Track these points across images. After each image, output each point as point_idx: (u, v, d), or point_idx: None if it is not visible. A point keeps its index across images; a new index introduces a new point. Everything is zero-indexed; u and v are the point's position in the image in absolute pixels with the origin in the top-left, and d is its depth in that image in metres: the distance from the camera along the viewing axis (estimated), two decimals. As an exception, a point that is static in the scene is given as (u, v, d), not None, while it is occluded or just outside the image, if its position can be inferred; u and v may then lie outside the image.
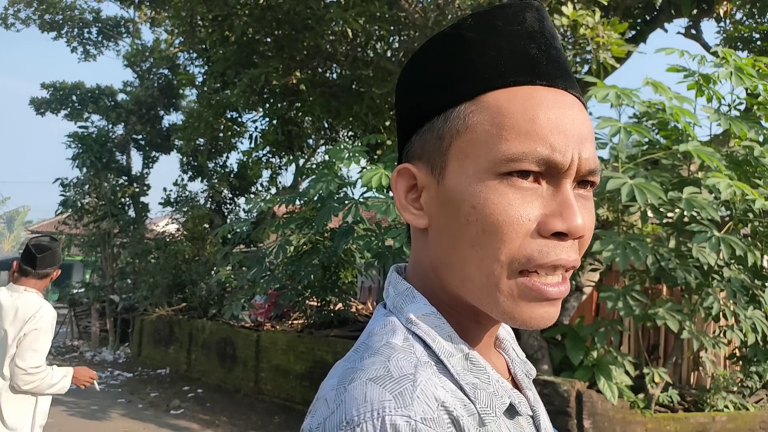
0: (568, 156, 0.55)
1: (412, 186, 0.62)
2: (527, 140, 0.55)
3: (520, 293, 0.56)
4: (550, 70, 0.58)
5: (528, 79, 0.57)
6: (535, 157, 0.55)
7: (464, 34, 0.60)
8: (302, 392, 7.77)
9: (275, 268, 7.94)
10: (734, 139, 5.33)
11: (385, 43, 9.07)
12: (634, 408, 5.18)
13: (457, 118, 0.58)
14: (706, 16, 9.11)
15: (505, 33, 0.59)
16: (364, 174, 5.63)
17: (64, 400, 7.81)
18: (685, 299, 5.38)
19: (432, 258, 0.61)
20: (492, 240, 0.55)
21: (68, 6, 14.64)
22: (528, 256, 0.55)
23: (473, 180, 0.56)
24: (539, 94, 0.57)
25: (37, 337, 2.91)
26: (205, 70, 11.97)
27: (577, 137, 0.57)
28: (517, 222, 0.55)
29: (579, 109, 0.59)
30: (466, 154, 0.57)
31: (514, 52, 0.58)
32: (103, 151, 13.59)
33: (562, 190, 0.56)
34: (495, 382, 0.59)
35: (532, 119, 0.55)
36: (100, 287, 14.00)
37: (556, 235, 0.55)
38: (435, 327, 0.59)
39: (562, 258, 0.56)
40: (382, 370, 0.52)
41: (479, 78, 0.58)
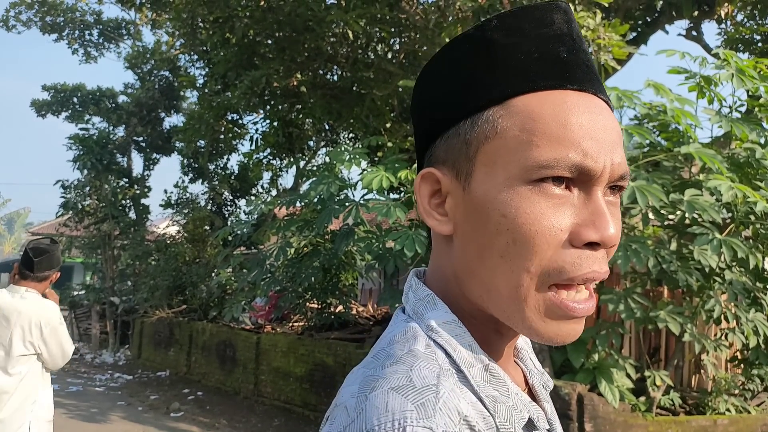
0: (600, 162, 0.54)
1: (436, 191, 0.61)
2: (559, 146, 0.53)
3: (547, 309, 0.55)
4: (579, 73, 0.57)
5: (558, 83, 0.56)
6: (568, 164, 0.53)
7: (490, 36, 0.58)
8: (302, 395, 7.75)
9: (276, 270, 7.93)
10: (735, 141, 5.32)
11: (386, 45, 9.08)
12: (636, 411, 5.16)
13: (486, 123, 0.56)
14: (707, 17, 9.11)
15: (533, 36, 0.57)
16: (364, 176, 5.63)
17: (64, 403, 7.80)
18: (686, 302, 5.37)
19: (455, 266, 0.60)
20: (523, 251, 0.53)
21: (69, 8, 14.67)
22: (560, 269, 0.53)
23: (503, 187, 0.55)
24: (570, 99, 0.55)
25: (57, 331, 3.07)
26: (206, 72, 11.98)
27: (609, 143, 0.55)
28: (549, 232, 0.53)
29: (609, 113, 0.58)
30: (494, 161, 0.56)
31: (543, 56, 0.57)
32: (104, 153, 13.61)
33: (593, 198, 0.55)
34: (514, 395, 0.57)
35: (564, 124, 0.54)
36: (100, 289, 14.00)
37: (589, 245, 0.54)
38: (456, 336, 0.57)
39: (594, 270, 0.54)
40: (405, 380, 0.51)
41: (508, 82, 0.56)
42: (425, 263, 5.85)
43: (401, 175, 5.55)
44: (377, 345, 0.59)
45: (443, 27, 7.06)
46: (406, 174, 5.57)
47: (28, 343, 2.99)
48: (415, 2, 7.64)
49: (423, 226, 5.54)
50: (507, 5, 5.69)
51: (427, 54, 8.08)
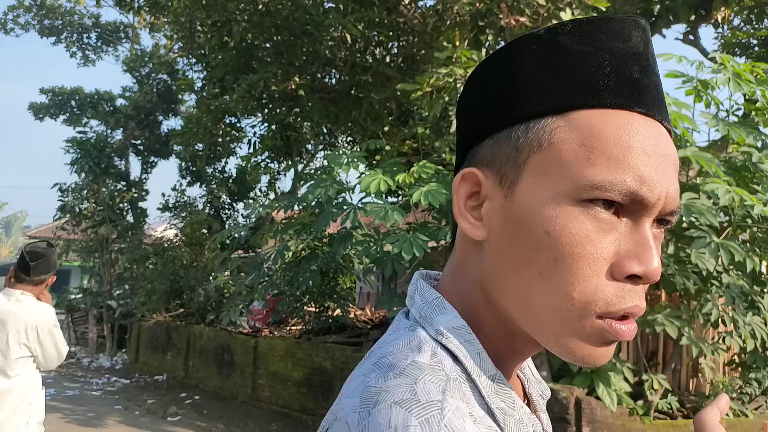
0: (656, 192, 0.52)
1: (474, 193, 0.58)
2: (617, 169, 0.51)
3: (591, 334, 0.52)
4: (649, 97, 0.54)
5: (627, 103, 0.53)
6: (623, 189, 0.50)
7: (562, 41, 0.55)
8: (300, 399, 7.73)
9: (273, 273, 7.92)
10: (732, 145, 5.33)
11: (384, 49, 9.09)
12: (633, 415, 5.15)
13: (541, 131, 0.53)
14: (704, 22, 9.14)
15: (607, 48, 0.54)
16: (362, 179, 5.63)
17: (60, 407, 7.77)
18: (684, 305, 5.37)
19: (485, 274, 0.57)
20: (564, 273, 0.51)
21: (68, 11, 14.68)
22: (606, 300, 0.51)
23: (550, 202, 0.52)
24: (636, 122, 0.53)
25: (52, 333, 3.08)
26: (204, 75, 11.98)
27: (667, 174, 0.53)
28: (593, 258, 0.51)
29: (670, 143, 0.55)
30: (545, 173, 0.53)
31: (615, 71, 0.53)
32: (102, 156, 13.59)
33: (641, 229, 0.52)
34: (520, 408, 0.56)
35: (626, 147, 0.51)
36: (97, 293, 13.96)
37: (630, 278, 0.51)
38: (466, 342, 0.55)
39: (637, 305, 0.52)
40: (409, 393, 0.48)
41: (574, 92, 0.53)
42: (423, 267, 5.85)
43: (399, 179, 5.56)
44: (378, 351, 0.57)
45: (441, 31, 7.07)
46: (404, 177, 5.57)
47: (23, 345, 3.00)
48: (414, 6, 7.66)
49: (421, 230, 5.54)
50: (504, 9, 5.71)
51: (426, 58, 8.10)
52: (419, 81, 5.94)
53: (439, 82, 5.68)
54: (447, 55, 6.09)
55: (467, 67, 5.64)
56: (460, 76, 5.61)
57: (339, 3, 7.92)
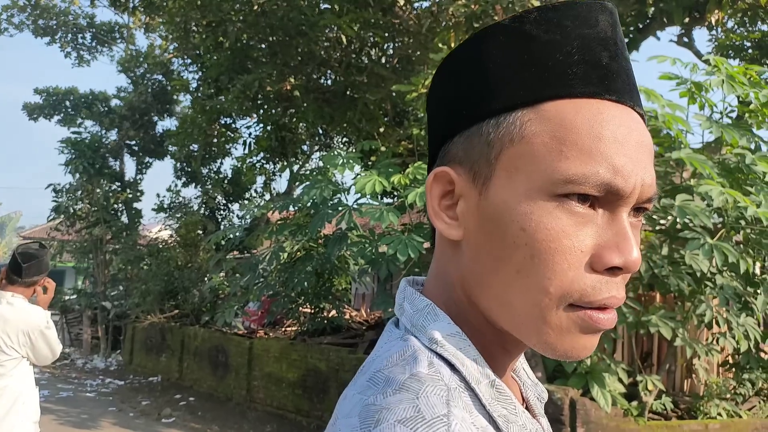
0: (631, 182, 0.51)
1: (448, 192, 0.56)
2: (590, 161, 0.50)
3: (569, 325, 0.51)
4: (620, 83, 0.53)
5: (597, 91, 0.52)
6: (597, 181, 0.49)
7: (528, 30, 0.53)
8: (295, 400, 7.72)
9: (268, 274, 7.90)
10: (726, 147, 5.35)
11: (379, 50, 9.10)
12: (628, 416, 5.16)
13: (512, 126, 0.52)
14: (698, 24, 9.18)
15: (574, 35, 0.53)
16: (358, 180, 5.63)
17: (54, 409, 7.73)
18: (678, 306, 5.39)
19: (464, 274, 0.56)
20: (541, 269, 0.50)
21: (62, 11, 14.62)
22: (581, 292, 0.50)
23: (524, 198, 0.51)
24: (607, 110, 0.51)
25: (45, 335, 3.07)
26: (199, 75, 11.96)
27: (642, 161, 0.52)
28: (570, 252, 0.50)
29: (644, 129, 0.54)
30: (517, 167, 0.52)
31: (583, 59, 0.52)
32: (96, 156, 13.54)
33: (618, 219, 0.51)
34: (522, 413, 0.54)
35: (599, 137, 0.50)
36: (92, 294, 13.91)
37: (610, 269, 0.51)
38: (461, 349, 0.53)
39: (614, 296, 0.51)
40: (412, 410, 0.46)
41: (543, 84, 0.52)
42: (419, 268, 5.85)
43: (394, 180, 5.56)
44: (371, 365, 0.54)
45: (436, 32, 7.08)
46: (399, 178, 5.57)
47: (13, 349, 2.98)
48: (409, 7, 7.66)
49: (416, 231, 5.54)
50: (499, 10, 5.72)
51: (421, 58, 8.10)
52: (414, 82, 5.94)
53: (434, 84, 5.68)
54: (442, 56, 6.09)
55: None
56: (455, 77, 5.60)
57: (334, 4, 7.92)
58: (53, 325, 3.17)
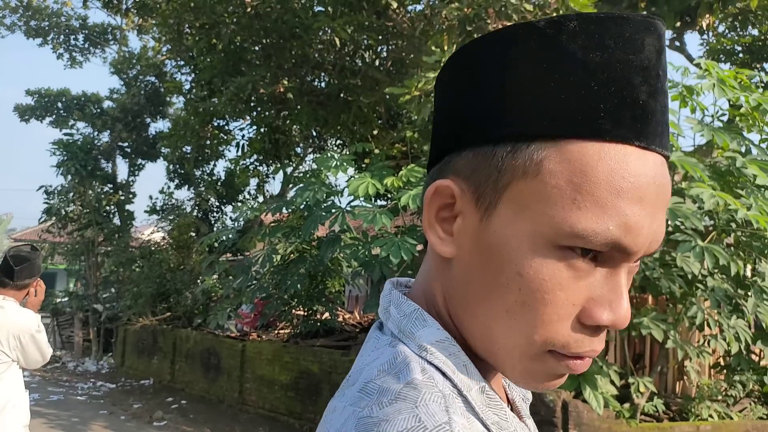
0: (640, 242, 0.48)
1: (447, 205, 0.53)
2: (603, 215, 0.46)
3: (544, 368, 0.51)
4: (653, 125, 0.48)
5: (628, 135, 0.47)
6: (605, 239, 0.46)
7: (564, 44, 0.47)
8: (287, 403, 7.70)
9: (261, 277, 7.88)
10: (717, 150, 5.40)
11: (373, 53, 9.11)
12: (620, 418, 5.18)
13: (528, 159, 0.48)
14: (690, 28, 9.25)
15: (616, 60, 0.47)
16: (351, 183, 5.63)
17: (44, 412, 7.67)
18: (669, 309, 5.42)
19: (449, 292, 0.54)
20: (531, 316, 0.48)
21: (54, 12, 14.54)
22: (564, 344, 0.49)
23: (526, 241, 0.48)
24: (634, 159, 0.47)
25: (35, 339, 3.04)
26: (192, 77, 11.93)
27: (656, 217, 0.48)
28: (562, 305, 0.48)
29: (665, 174, 0.50)
30: (526, 205, 0.48)
31: (621, 93, 0.47)
32: (88, 158, 13.47)
33: (617, 275, 0.49)
34: (512, 418, 0.53)
35: (617, 191, 0.46)
36: (83, 296, 13.83)
37: (598, 326, 0.50)
38: (451, 355, 0.51)
39: (594, 349, 0.50)
40: (413, 420, 0.44)
41: (571, 117, 0.47)
42: (412, 270, 5.85)
43: (388, 182, 5.56)
44: (360, 374, 0.51)
45: (430, 35, 7.10)
46: (393, 181, 5.58)
47: (5, 352, 2.96)
48: (402, 10, 7.68)
49: (409, 233, 5.54)
50: (491, 14, 5.74)
51: (414, 61, 8.12)
52: (408, 85, 5.95)
53: (427, 86, 5.70)
54: (435, 59, 6.11)
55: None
56: (448, 80, 5.61)
57: (328, 6, 7.92)
58: (44, 329, 3.15)
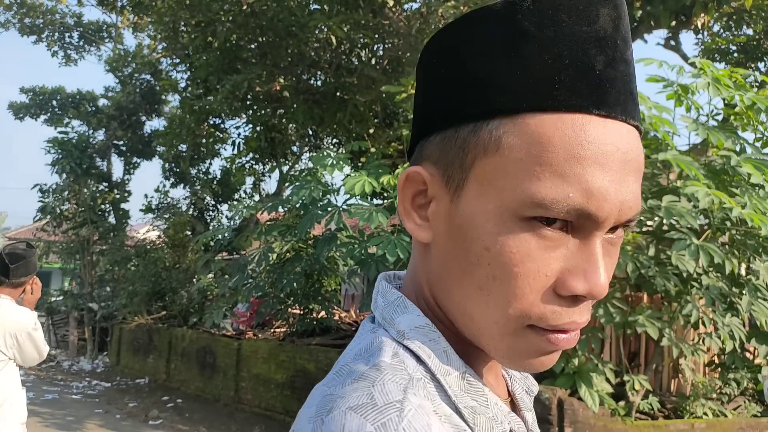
0: (606, 207, 0.47)
1: (421, 191, 0.54)
2: (563, 183, 0.46)
3: (527, 345, 0.50)
4: (613, 93, 0.48)
5: (585, 104, 0.47)
6: (567, 206, 0.46)
7: (519, 22, 0.48)
8: (283, 402, 7.69)
9: (257, 275, 7.87)
10: (712, 149, 5.41)
11: (369, 51, 9.10)
12: (615, 415, 5.20)
13: (488, 135, 0.48)
14: (685, 27, 9.28)
15: (569, 33, 0.47)
16: (347, 181, 5.62)
17: (39, 411, 7.64)
18: (664, 307, 5.43)
19: (430, 276, 0.55)
20: (502, 290, 0.49)
21: (49, 10, 14.48)
22: (541, 316, 0.49)
23: (492, 216, 0.48)
24: (592, 127, 0.47)
25: (32, 336, 3.03)
26: (188, 75, 11.90)
27: (624, 182, 0.48)
28: (533, 276, 0.48)
29: (635, 144, 0.49)
30: (489, 181, 0.49)
31: (575, 64, 0.47)
32: (83, 156, 13.42)
33: (590, 244, 0.49)
34: (494, 405, 0.53)
35: (576, 158, 0.46)
36: (78, 295, 13.78)
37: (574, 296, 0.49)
38: (430, 341, 0.52)
39: (574, 321, 0.49)
40: (365, 397, 0.45)
41: (527, 91, 0.47)
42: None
43: (384, 181, 5.56)
44: (341, 359, 0.54)
45: (426, 33, 7.10)
46: (389, 179, 5.58)
47: (1, 350, 2.95)
48: (398, 9, 7.68)
49: (405, 232, 5.54)
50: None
51: (410, 60, 8.12)
52: (404, 83, 5.96)
53: (423, 85, 5.70)
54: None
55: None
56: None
57: (324, 5, 7.91)
58: (40, 327, 3.14)
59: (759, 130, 5.59)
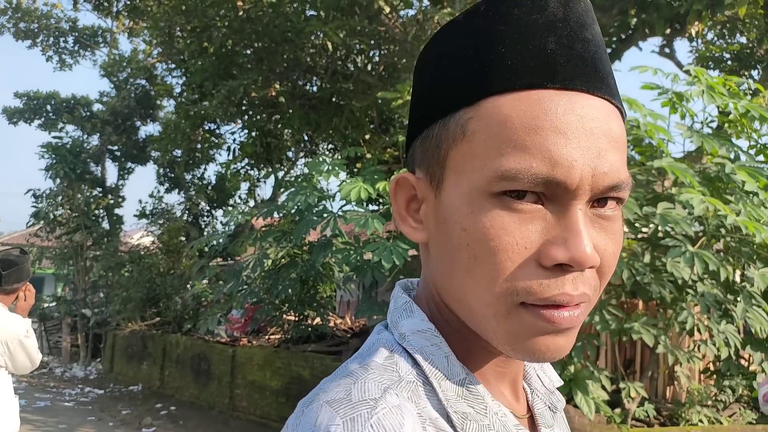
0: (575, 174, 0.47)
1: (413, 196, 0.57)
2: (525, 155, 0.47)
3: (523, 326, 0.49)
4: (569, 68, 0.49)
5: (538, 81, 0.48)
6: (531, 176, 0.47)
7: (476, 25, 0.51)
8: (278, 409, 7.65)
9: (252, 281, 7.85)
10: (707, 156, 5.44)
11: (365, 57, 9.12)
12: (611, 423, 5.19)
13: (455, 125, 0.51)
14: (679, 35, 9.34)
15: (521, 24, 0.50)
16: (343, 187, 5.61)
17: (31, 419, 7.57)
18: (660, 314, 5.44)
19: (433, 275, 0.56)
20: (485, 268, 0.49)
21: (44, 15, 14.45)
22: (527, 289, 0.48)
23: (466, 198, 0.50)
24: (549, 99, 0.48)
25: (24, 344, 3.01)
26: (183, 81, 11.88)
27: (592, 149, 0.48)
28: (511, 249, 0.48)
29: (604, 114, 0.49)
30: (462, 168, 0.50)
31: (525, 48, 0.49)
32: (77, 161, 13.37)
33: (568, 214, 0.48)
34: (492, 414, 0.52)
35: (534, 129, 0.47)
36: (71, 301, 13.69)
37: (560, 266, 0.48)
38: (431, 345, 0.53)
39: (566, 292, 0.48)
40: (343, 393, 0.47)
41: (483, 80, 0.50)
42: (403, 275, 5.84)
43: (379, 187, 5.55)
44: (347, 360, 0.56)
45: (422, 40, 7.11)
46: (385, 185, 5.57)
47: None
48: (394, 15, 7.70)
49: (401, 238, 5.53)
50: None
51: (406, 66, 8.13)
52: (400, 89, 5.96)
53: (419, 91, 5.70)
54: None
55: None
56: (440, 85, 5.63)
57: (320, 11, 7.93)
58: (33, 334, 3.11)
59: (753, 137, 5.62)
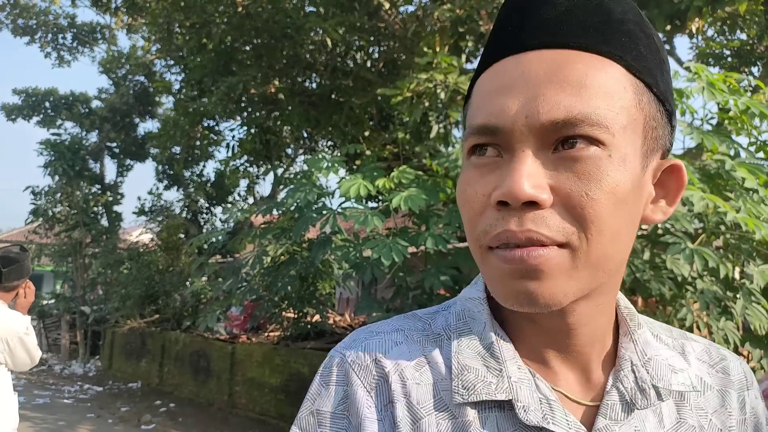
0: (506, 117, 0.50)
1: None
2: (475, 114, 0.54)
3: (494, 269, 0.52)
4: (527, 35, 0.52)
5: (501, 53, 0.54)
6: (473, 129, 0.53)
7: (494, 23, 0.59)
8: (277, 406, 7.65)
9: (251, 278, 7.84)
10: (707, 153, 5.43)
11: (365, 54, 9.09)
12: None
13: (469, 105, 0.58)
14: (679, 32, 9.32)
15: (504, 11, 0.57)
16: (342, 184, 5.60)
17: (30, 416, 7.57)
18: (659, 310, 5.44)
19: None
20: (464, 221, 0.56)
21: (42, 11, 14.40)
22: (484, 231, 0.52)
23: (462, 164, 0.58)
24: (500, 67, 0.53)
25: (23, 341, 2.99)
26: (182, 77, 11.85)
27: (529, 94, 0.50)
28: (473, 198, 0.53)
29: (556, 63, 0.50)
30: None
31: (500, 28, 0.56)
32: (76, 158, 13.34)
33: (514, 159, 0.51)
34: (506, 377, 0.54)
35: (484, 93, 0.54)
36: (70, 298, 13.68)
37: (502, 204, 0.50)
38: (476, 311, 0.59)
39: (508, 229, 0.49)
40: (375, 327, 0.60)
41: (479, 67, 0.58)
42: (403, 272, 5.82)
43: (379, 184, 5.54)
44: None
45: (422, 36, 7.10)
46: (384, 182, 5.56)
47: None
48: (394, 11, 7.68)
49: (401, 235, 5.52)
50: (484, 16, 5.75)
51: (406, 63, 8.11)
52: (400, 86, 5.94)
53: (419, 88, 5.69)
54: (427, 60, 6.10)
55: (447, 73, 5.66)
56: (440, 81, 5.62)
57: (320, 7, 7.90)
58: (33, 331, 3.10)
59: (753, 134, 5.61)
